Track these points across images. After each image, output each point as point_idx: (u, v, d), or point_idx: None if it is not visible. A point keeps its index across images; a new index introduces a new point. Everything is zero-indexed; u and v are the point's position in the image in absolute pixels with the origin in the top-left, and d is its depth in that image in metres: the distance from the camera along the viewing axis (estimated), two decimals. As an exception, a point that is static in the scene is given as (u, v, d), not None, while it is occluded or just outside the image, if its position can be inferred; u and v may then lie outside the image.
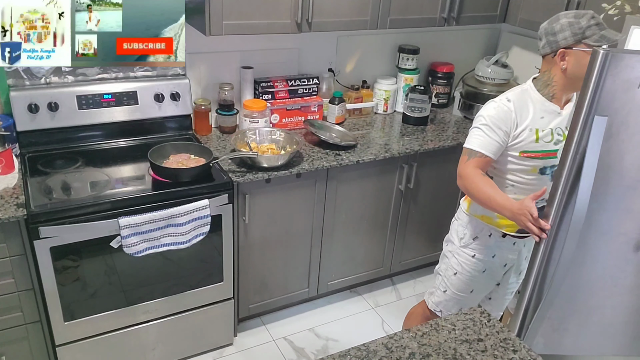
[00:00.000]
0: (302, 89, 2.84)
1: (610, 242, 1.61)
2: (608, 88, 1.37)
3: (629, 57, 1.35)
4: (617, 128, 1.41)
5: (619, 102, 1.39)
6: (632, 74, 1.36)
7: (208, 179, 2.22)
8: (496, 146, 1.79)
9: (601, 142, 1.40)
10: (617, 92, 1.38)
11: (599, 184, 1.48)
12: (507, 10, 2.95)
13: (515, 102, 1.82)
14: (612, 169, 1.49)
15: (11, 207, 1.91)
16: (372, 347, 1.42)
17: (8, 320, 2.03)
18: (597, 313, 1.72)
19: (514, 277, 2.12)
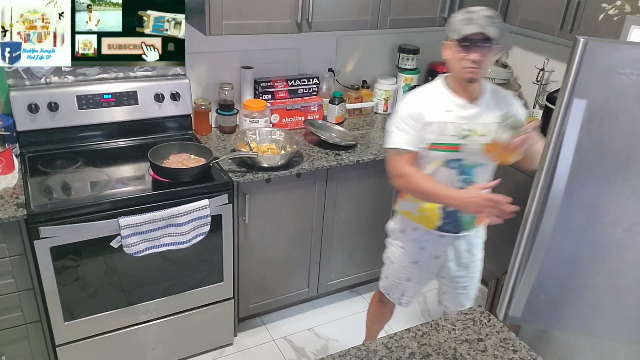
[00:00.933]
0: (302, 89, 2.84)
1: (596, 223, 1.66)
2: (587, 74, 1.47)
3: (606, 45, 1.46)
4: (596, 112, 1.51)
5: (598, 88, 1.49)
6: (611, 62, 1.45)
7: (208, 179, 2.22)
8: (415, 139, 1.88)
9: (580, 124, 1.50)
10: (596, 78, 1.48)
11: (581, 166, 1.56)
12: (507, 10, 2.95)
13: (423, 96, 1.90)
14: (593, 152, 1.57)
15: (11, 207, 1.91)
16: (372, 347, 1.42)
17: (8, 320, 2.03)
18: (584, 292, 1.76)
19: (458, 271, 2.12)
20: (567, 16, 2.59)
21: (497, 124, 1.78)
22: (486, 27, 1.72)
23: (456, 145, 1.85)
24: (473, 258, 2.12)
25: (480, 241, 2.13)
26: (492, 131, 1.83)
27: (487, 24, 1.72)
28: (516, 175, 2.74)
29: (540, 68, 3.02)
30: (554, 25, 2.67)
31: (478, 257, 2.14)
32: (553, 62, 3.03)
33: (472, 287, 2.20)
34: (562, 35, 2.65)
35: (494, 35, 1.73)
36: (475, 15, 1.73)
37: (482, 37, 1.72)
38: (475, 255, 2.12)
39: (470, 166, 1.89)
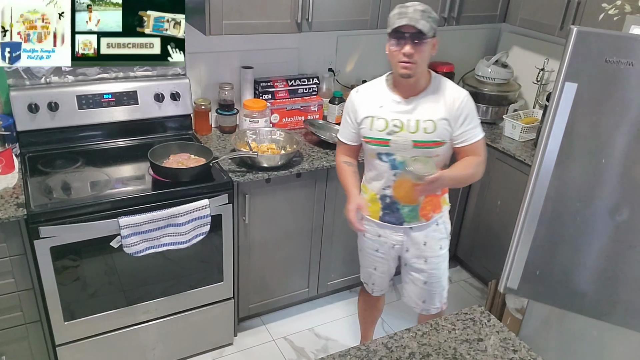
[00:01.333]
0: (302, 89, 2.84)
1: (587, 206, 1.80)
2: (578, 60, 1.64)
3: (597, 35, 1.62)
4: (587, 96, 1.66)
5: (588, 74, 1.64)
6: (601, 50, 1.61)
7: (208, 178, 2.22)
8: (350, 133, 2.00)
9: (570, 105, 1.67)
10: (587, 64, 1.64)
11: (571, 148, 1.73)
12: (507, 10, 2.95)
13: (362, 91, 1.96)
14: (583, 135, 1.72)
15: (11, 206, 1.91)
16: (372, 346, 1.42)
17: (8, 320, 2.03)
18: (574, 271, 1.89)
19: (417, 262, 2.07)
20: (567, 16, 2.60)
21: (405, 168, 1.83)
22: (418, 20, 1.71)
23: (385, 140, 1.88)
24: (432, 253, 2.06)
25: (440, 236, 2.06)
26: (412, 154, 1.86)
27: (419, 18, 1.71)
28: (515, 174, 2.74)
29: (540, 68, 3.02)
30: (554, 25, 2.68)
31: (438, 253, 2.07)
32: (553, 62, 3.02)
33: (435, 285, 2.13)
34: (562, 35, 2.65)
35: (425, 29, 1.72)
36: (408, 10, 1.73)
37: (414, 30, 1.72)
38: (434, 250, 2.06)
39: (401, 162, 1.89)
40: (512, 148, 2.77)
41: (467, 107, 1.87)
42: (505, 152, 2.76)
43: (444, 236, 2.07)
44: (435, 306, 2.18)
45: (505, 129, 2.93)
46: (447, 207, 2.07)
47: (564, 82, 1.67)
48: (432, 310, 2.19)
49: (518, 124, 2.85)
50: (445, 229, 2.08)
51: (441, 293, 2.16)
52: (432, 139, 1.85)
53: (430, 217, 2.00)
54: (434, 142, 1.86)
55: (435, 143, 1.86)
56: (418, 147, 1.86)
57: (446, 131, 1.86)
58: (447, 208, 2.07)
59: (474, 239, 3.09)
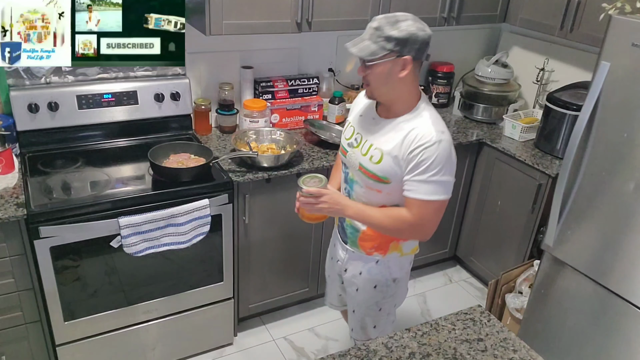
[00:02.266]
0: (302, 89, 2.84)
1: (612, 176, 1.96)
2: (612, 43, 1.88)
3: (625, 22, 1.86)
4: (619, 75, 1.89)
5: (620, 55, 1.87)
6: (628, 35, 1.83)
7: (208, 178, 2.22)
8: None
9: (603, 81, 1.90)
10: (619, 47, 1.87)
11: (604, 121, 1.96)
12: (508, 10, 2.95)
13: (360, 95, 1.82)
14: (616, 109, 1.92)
15: (11, 206, 1.91)
16: (372, 346, 1.42)
17: (8, 319, 2.03)
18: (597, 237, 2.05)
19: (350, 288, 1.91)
20: (567, 16, 2.60)
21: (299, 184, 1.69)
22: (361, 41, 1.53)
23: (345, 150, 1.76)
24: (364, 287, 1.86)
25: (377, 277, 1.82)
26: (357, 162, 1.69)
27: (366, 38, 1.53)
28: (515, 174, 2.74)
29: (540, 68, 3.02)
30: (554, 25, 2.68)
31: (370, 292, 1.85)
32: (553, 62, 3.03)
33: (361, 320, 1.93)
34: (562, 35, 2.66)
35: (361, 53, 1.52)
36: (368, 26, 1.55)
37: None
38: (366, 285, 1.85)
39: (350, 179, 1.75)
40: (512, 148, 2.77)
41: (424, 155, 1.52)
42: (505, 152, 2.76)
43: (380, 277, 1.82)
44: (361, 339, 1.96)
45: (505, 129, 2.93)
46: (397, 255, 1.79)
47: (600, 60, 1.91)
48: (358, 343, 1.96)
49: (518, 124, 2.85)
50: (387, 272, 1.82)
51: (369, 329, 1.94)
52: (374, 170, 1.63)
53: (370, 252, 1.80)
54: (375, 175, 1.63)
55: (376, 177, 1.63)
56: (361, 171, 1.67)
57: (392, 170, 1.59)
58: (397, 255, 1.80)
59: (474, 239, 3.09)
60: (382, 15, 1.54)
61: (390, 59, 1.53)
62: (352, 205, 1.69)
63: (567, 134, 2.62)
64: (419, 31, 1.52)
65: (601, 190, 2.00)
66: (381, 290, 1.85)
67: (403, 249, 1.80)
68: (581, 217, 2.09)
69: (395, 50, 1.51)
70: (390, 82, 1.56)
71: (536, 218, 2.65)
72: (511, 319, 2.60)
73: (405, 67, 1.54)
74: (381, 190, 1.66)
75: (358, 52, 1.53)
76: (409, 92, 1.61)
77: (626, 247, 1.95)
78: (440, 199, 1.57)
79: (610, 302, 2.05)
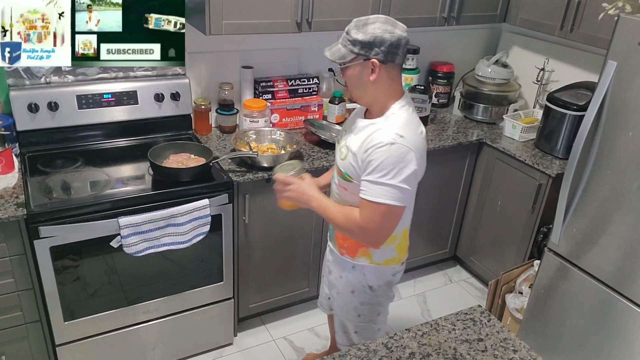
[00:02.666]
0: (302, 89, 2.84)
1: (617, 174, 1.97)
2: (619, 42, 1.90)
3: (632, 22, 1.86)
4: (624, 73, 1.90)
5: (626, 54, 1.88)
6: (634, 35, 1.84)
7: (208, 178, 2.22)
8: None
9: (609, 79, 1.92)
10: (625, 46, 1.88)
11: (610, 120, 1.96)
12: (508, 9, 2.95)
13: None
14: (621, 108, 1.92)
15: (11, 206, 1.91)
16: (372, 346, 1.42)
17: (8, 319, 2.03)
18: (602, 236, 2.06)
19: (331, 289, 1.92)
20: (567, 16, 2.60)
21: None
22: (334, 45, 1.58)
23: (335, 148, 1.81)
24: (342, 290, 1.85)
25: (353, 281, 1.81)
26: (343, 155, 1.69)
27: (338, 42, 1.56)
28: (515, 174, 2.74)
29: (540, 68, 3.02)
30: (554, 25, 2.68)
31: (347, 296, 1.84)
32: (553, 62, 3.03)
33: (338, 319, 1.95)
34: (562, 35, 2.65)
35: (332, 57, 1.56)
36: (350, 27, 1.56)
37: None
38: (344, 289, 1.84)
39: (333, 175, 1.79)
40: (512, 148, 2.77)
41: (374, 155, 1.51)
42: (505, 152, 2.76)
43: (357, 283, 1.81)
44: (344, 343, 1.96)
45: (505, 128, 2.93)
46: (368, 262, 1.77)
47: (607, 59, 1.93)
48: (341, 346, 1.98)
49: (518, 123, 2.85)
50: (362, 279, 1.80)
51: (351, 334, 1.93)
52: (340, 166, 1.67)
53: (342, 252, 1.80)
54: (340, 171, 1.67)
55: (341, 172, 1.66)
56: (335, 168, 1.73)
57: (352, 168, 1.60)
58: (368, 262, 1.77)
59: (474, 239, 3.09)
60: (356, 19, 1.56)
61: (358, 62, 1.54)
62: (318, 198, 1.69)
63: (568, 134, 2.62)
64: (384, 33, 1.51)
65: (606, 189, 2.01)
66: (358, 296, 1.83)
67: (373, 257, 1.76)
68: (586, 215, 2.10)
69: (361, 53, 1.52)
70: (363, 85, 1.58)
71: (536, 218, 2.65)
72: (511, 319, 2.60)
73: (374, 70, 1.54)
74: (347, 189, 1.67)
75: (330, 56, 1.56)
76: (384, 95, 1.59)
77: (631, 246, 1.95)
78: (387, 203, 1.52)
79: (611, 301, 2.05)
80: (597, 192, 2.05)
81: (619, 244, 1.99)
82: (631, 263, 1.97)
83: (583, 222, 2.11)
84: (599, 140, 2.01)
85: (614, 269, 2.02)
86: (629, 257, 1.97)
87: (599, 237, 2.06)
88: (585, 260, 2.13)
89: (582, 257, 2.14)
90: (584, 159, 2.05)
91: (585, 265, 2.13)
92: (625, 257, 1.98)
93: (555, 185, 2.45)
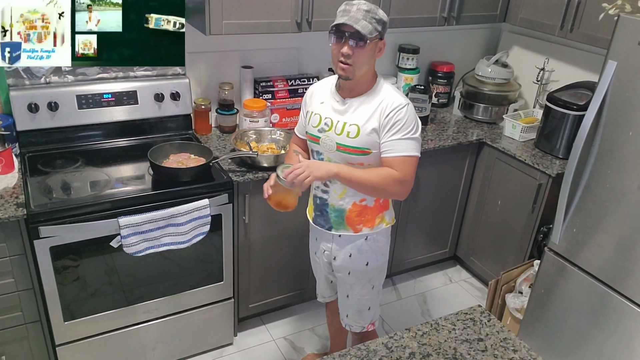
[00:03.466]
0: (302, 89, 2.84)
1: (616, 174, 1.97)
2: (619, 42, 1.90)
3: (631, 21, 1.86)
4: (625, 73, 1.90)
5: (626, 54, 1.88)
6: (634, 34, 1.85)
7: (208, 178, 2.22)
8: (300, 125, 1.98)
9: (610, 79, 1.92)
10: (626, 46, 1.88)
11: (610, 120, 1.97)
12: (508, 9, 2.95)
13: (316, 85, 1.91)
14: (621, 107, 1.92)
15: (11, 206, 1.91)
16: (372, 346, 1.42)
17: (8, 319, 2.03)
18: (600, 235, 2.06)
19: (341, 273, 1.98)
20: (567, 16, 2.60)
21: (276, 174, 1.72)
22: (359, 20, 1.61)
23: (316, 137, 1.82)
24: (356, 267, 1.93)
25: (367, 251, 1.90)
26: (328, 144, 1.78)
27: (360, 18, 1.61)
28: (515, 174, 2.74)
29: (540, 68, 3.02)
30: (554, 24, 2.68)
31: (363, 269, 1.93)
32: (553, 61, 3.03)
33: (358, 302, 2.00)
34: (562, 35, 2.65)
35: (365, 30, 1.60)
36: (352, 8, 1.64)
37: (353, 30, 1.61)
38: (358, 264, 1.92)
39: (327, 162, 1.81)
40: (512, 148, 2.77)
41: (399, 116, 1.69)
42: (505, 152, 2.76)
43: (371, 252, 1.91)
44: (358, 324, 2.04)
45: (505, 128, 2.93)
46: (384, 226, 1.90)
47: (607, 59, 1.93)
48: (354, 327, 2.06)
49: (518, 123, 2.85)
50: (376, 247, 1.91)
51: (365, 312, 2.01)
52: (354, 144, 1.74)
53: (358, 229, 1.87)
54: (355, 149, 1.74)
55: (357, 150, 1.74)
56: (340, 150, 1.76)
57: (372, 139, 1.72)
58: (384, 226, 1.90)
59: (474, 239, 3.09)
60: (361, 2, 1.67)
61: (375, 40, 1.67)
62: (337, 165, 1.75)
63: (568, 133, 2.62)
64: (386, 17, 1.69)
65: (606, 189, 2.01)
66: (372, 266, 1.94)
67: (386, 219, 1.91)
68: (586, 215, 2.10)
69: (380, 32, 1.67)
70: (371, 62, 1.71)
71: (536, 218, 2.65)
72: (511, 318, 2.60)
73: (381, 50, 1.72)
74: (363, 163, 1.77)
75: (362, 29, 1.61)
76: (372, 71, 1.76)
77: (631, 246, 1.96)
78: (416, 154, 1.74)
79: (611, 301, 2.05)
80: (598, 191, 2.04)
81: (619, 243, 1.99)
82: (631, 262, 1.96)
83: (583, 221, 2.11)
84: (599, 140, 2.00)
85: (614, 268, 2.02)
86: (629, 257, 1.97)
87: (599, 236, 2.06)
88: (585, 259, 2.13)
89: (582, 257, 2.14)
90: (584, 159, 2.05)
91: (586, 265, 2.13)
92: (626, 257, 1.98)
93: (555, 185, 2.45)
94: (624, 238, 1.98)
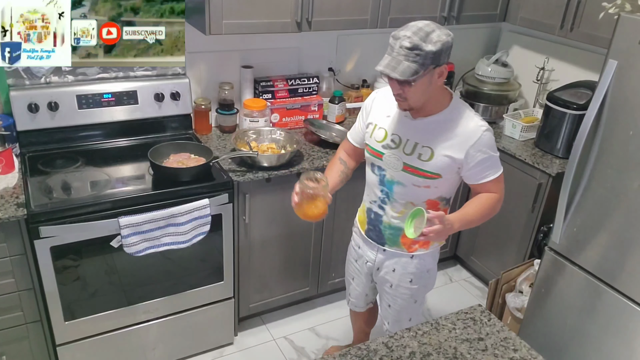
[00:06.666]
0: (302, 88, 2.84)
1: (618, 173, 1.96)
2: (619, 42, 1.89)
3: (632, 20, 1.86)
4: (625, 72, 1.90)
5: (626, 53, 1.88)
6: (634, 34, 1.84)
7: (208, 178, 2.22)
8: (356, 133, 1.93)
9: (610, 78, 1.91)
10: (626, 45, 1.87)
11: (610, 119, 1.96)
12: (508, 9, 2.95)
13: (381, 94, 1.84)
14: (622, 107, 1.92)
15: (11, 206, 1.91)
16: (372, 346, 1.42)
17: (8, 319, 2.03)
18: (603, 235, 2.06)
19: (384, 284, 1.98)
20: (567, 15, 2.60)
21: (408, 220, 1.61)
22: (400, 63, 1.51)
23: (379, 152, 1.77)
24: (399, 282, 1.93)
25: (411, 270, 1.90)
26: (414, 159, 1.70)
27: (402, 59, 1.51)
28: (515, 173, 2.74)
29: (540, 67, 3.02)
30: (554, 24, 2.68)
31: (406, 285, 1.93)
32: (553, 61, 3.02)
33: (399, 312, 2.01)
34: (562, 35, 2.65)
35: (403, 76, 1.51)
36: (396, 45, 1.52)
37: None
38: (401, 280, 1.92)
39: (389, 180, 1.77)
40: (512, 147, 2.77)
41: (486, 143, 1.66)
42: (505, 152, 2.76)
43: (416, 271, 1.91)
44: (390, 330, 2.06)
45: (506, 128, 2.93)
46: (437, 245, 1.93)
47: (607, 58, 1.92)
48: (386, 329, 2.09)
49: (518, 123, 2.85)
50: (421, 265, 1.90)
51: (404, 323, 2.03)
52: (425, 168, 1.68)
53: (413, 248, 1.87)
54: (426, 172, 1.69)
55: (427, 174, 1.69)
56: (407, 171, 1.71)
57: (448, 166, 1.68)
58: (436, 245, 1.93)
59: (474, 239, 3.09)
60: (407, 32, 1.52)
61: (428, 72, 1.56)
62: (454, 221, 1.67)
63: (568, 133, 2.62)
64: (447, 37, 1.55)
65: (607, 188, 2.01)
66: (416, 282, 1.93)
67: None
68: (587, 214, 2.10)
69: (433, 63, 1.54)
70: (429, 91, 1.62)
71: (536, 217, 2.65)
72: (511, 318, 2.60)
73: (443, 74, 1.60)
74: (429, 186, 1.73)
75: (401, 76, 1.51)
76: (441, 91, 1.68)
77: (631, 245, 1.95)
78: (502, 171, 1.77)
79: (611, 300, 2.05)
80: (598, 191, 2.04)
81: (620, 242, 1.99)
82: (632, 261, 1.96)
83: (584, 221, 2.11)
84: (600, 139, 2.00)
85: (615, 267, 2.02)
86: (630, 256, 1.97)
87: (600, 236, 2.06)
88: (585, 259, 2.13)
89: (583, 256, 2.14)
90: (584, 158, 2.05)
91: (586, 264, 2.13)
92: (626, 256, 1.98)
93: (556, 185, 2.45)
94: (625, 237, 1.97)
